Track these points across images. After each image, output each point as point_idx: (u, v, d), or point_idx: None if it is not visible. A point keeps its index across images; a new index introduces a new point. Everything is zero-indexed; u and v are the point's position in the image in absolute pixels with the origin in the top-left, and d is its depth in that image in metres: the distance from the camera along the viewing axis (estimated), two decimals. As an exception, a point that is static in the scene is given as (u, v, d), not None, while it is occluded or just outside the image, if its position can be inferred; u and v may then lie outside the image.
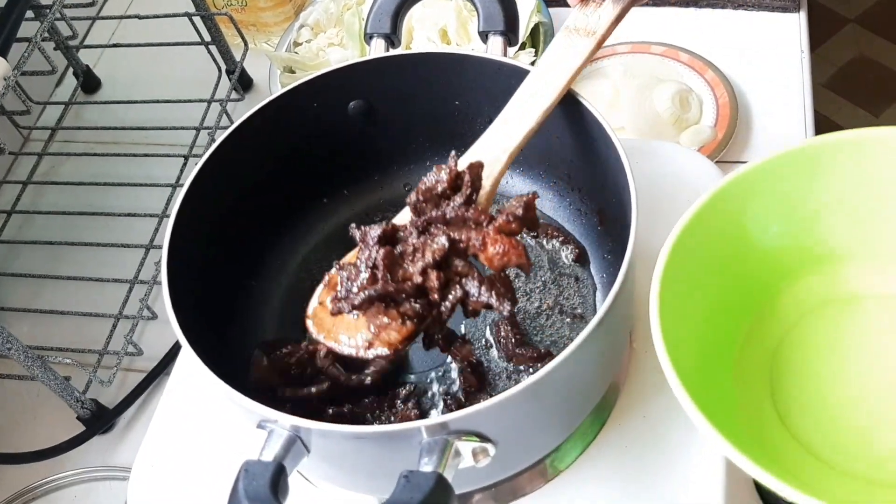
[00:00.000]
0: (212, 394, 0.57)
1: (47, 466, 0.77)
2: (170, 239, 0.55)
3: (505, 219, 0.50)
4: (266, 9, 0.99)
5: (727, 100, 0.86)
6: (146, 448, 0.63)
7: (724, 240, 0.54)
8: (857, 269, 0.56)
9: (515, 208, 0.50)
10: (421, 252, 0.50)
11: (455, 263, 0.50)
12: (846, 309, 0.56)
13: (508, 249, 0.49)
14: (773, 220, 0.55)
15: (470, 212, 0.50)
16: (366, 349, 0.50)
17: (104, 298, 0.85)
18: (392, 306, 0.49)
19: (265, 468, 0.45)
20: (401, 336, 0.49)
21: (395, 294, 0.49)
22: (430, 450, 0.45)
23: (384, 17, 0.64)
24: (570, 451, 0.57)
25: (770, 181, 0.54)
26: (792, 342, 0.55)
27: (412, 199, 0.53)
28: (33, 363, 0.70)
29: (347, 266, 0.51)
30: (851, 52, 2.00)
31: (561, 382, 0.48)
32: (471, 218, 0.50)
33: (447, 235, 0.50)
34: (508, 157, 0.56)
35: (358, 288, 0.49)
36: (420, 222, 0.51)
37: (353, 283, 0.50)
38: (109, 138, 1.00)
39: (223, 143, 0.60)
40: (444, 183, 0.52)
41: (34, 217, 0.96)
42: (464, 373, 0.59)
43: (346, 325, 0.51)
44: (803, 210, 0.55)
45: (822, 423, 0.51)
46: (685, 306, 0.50)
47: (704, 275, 0.53)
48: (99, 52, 1.08)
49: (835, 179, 0.54)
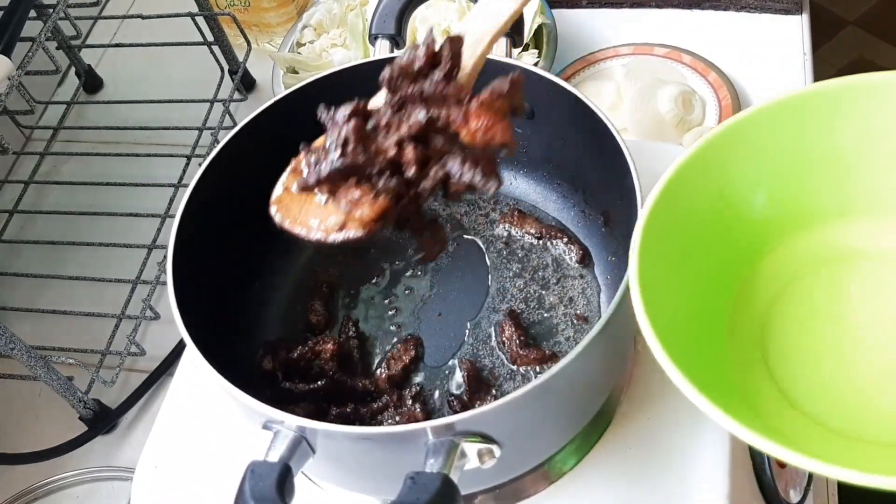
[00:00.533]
0: (216, 394, 0.57)
1: (49, 467, 0.77)
2: (175, 240, 0.55)
3: (489, 95, 0.46)
4: (269, 9, 0.99)
5: (730, 101, 0.86)
6: (150, 448, 0.63)
7: (707, 200, 0.51)
8: (850, 225, 0.53)
9: (501, 84, 0.46)
10: (396, 127, 0.46)
11: (435, 142, 0.46)
12: (840, 266, 0.53)
13: (493, 123, 0.45)
14: (759, 178, 0.52)
15: (450, 88, 0.46)
16: (337, 231, 0.46)
17: (106, 298, 0.85)
18: (365, 182, 0.45)
19: (271, 469, 0.45)
20: (374, 213, 0.45)
21: (367, 165, 0.45)
22: (436, 451, 0.45)
23: (389, 18, 0.64)
24: (574, 453, 0.57)
25: (753, 136, 0.51)
26: (785, 302, 0.53)
27: (385, 75, 0.48)
28: (36, 363, 0.70)
29: (315, 149, 0.47)
30: (850, 55, 2.00)
31: (567, 384, 0.48)
32: (451, 94, 0.46)
33: (425, 110, 0.46)
34: (491, 38, 0.51)
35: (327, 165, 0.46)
36: (395, 100, 0.47)
37: (322, 163, 0.46)
38: (111, 138, 0.99)
39: (228, 143, 0.60)
40: (421, 59, 0.47)
41: (36, 217, 0.96)
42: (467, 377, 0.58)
43: (314, 210, 0.47)
44: (792, 166, 0.52)
45: (818, 384, 0.49)
46: (668, 271, 0.48)
47: (688, 237, 0.50)
48: (101, 52, 1.08)
49: (823, 131, 0.51)
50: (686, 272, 0.50)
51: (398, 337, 0.62)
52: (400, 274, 0.66)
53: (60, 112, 1.00)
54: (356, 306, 0.65)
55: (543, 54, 0.87)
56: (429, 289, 0.65)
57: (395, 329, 0.63)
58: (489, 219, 0.67)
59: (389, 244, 0.67)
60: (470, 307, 0.63)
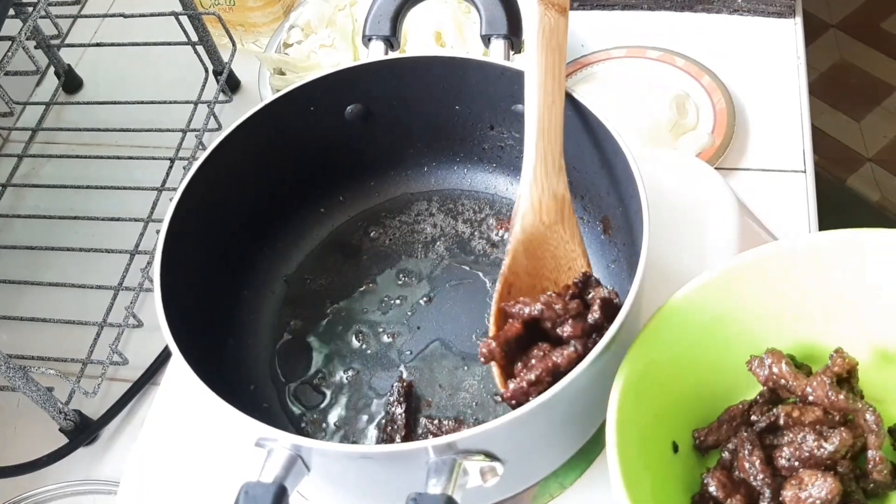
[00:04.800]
0: (205, 408, 0.55)
1: (28, 480, 0.74)
2: (163, 248, 0.53)
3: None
4: (255, 9, 0.97)
5: (724, 105, 0.85)
6: (134, 465, 0.61)
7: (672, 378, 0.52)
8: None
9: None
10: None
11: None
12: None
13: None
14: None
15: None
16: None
17: (87, 305, 0.82)
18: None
19: (266, 490, 0.43)
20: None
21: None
22: (438, 470, 0.44)
23: (383, 19, 0.62)
24: (574, 468, 0.56)
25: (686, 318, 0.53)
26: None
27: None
28: (14, 373, 0.68)
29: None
30: (833, 58, 2.01)
31: (570, 400, 0.47)
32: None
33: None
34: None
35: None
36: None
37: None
38: (91, 140, 0.97)
39: (218, 147, 0.57)
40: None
41: (13, 220, 0.93)
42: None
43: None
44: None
45: None
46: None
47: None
48: (81, 52, 1.05)
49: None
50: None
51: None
52: (391, 282, 0.64)
53: (39, 113, 0.98)
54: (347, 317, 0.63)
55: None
56: (422, 298, 0.63)
57: (390, 340, 0.61)
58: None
59: (380, 252, 0.66)
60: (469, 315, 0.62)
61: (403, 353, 0.60)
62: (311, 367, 0.61)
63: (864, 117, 1.91)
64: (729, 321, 0.53)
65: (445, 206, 0.68)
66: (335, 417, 0.58)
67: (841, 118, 1.91)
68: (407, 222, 0.67)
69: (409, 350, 0.61)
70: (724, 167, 0.82)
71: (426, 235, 0.66)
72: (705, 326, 0.53)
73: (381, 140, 0.66)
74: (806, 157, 0.84)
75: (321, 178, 0.66)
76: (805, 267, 0.53)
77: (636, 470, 0.46)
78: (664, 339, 0.51)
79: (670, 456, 0.51)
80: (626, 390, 0.48)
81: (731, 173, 0.83)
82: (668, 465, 0.51)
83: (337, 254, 0.66)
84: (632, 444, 0.47)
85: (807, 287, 0.53)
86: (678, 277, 0.60)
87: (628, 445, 0.46)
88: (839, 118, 1.91)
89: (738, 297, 0.53)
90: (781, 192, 0.81)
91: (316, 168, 0.65)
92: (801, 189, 0.81)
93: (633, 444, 0.47)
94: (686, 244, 0.63)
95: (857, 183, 1.81)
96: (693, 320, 0.52)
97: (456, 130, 0.65)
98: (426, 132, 0.66)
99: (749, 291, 0.53)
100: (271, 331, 0.63)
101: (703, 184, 0.67)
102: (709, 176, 0.68)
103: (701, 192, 0.66)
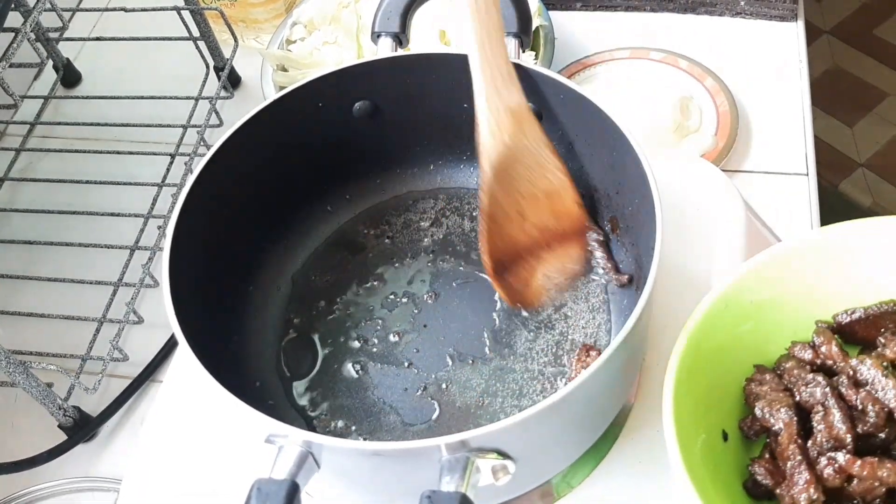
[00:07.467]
0: (210, 402, 0.55)
1: (26, 477, 0.74)
2: (170, 245, 0.52)
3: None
4: (257, 4, 0.96)
5: (727, 108, 0.86)
6: (137, 462, 0.60)
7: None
8: None
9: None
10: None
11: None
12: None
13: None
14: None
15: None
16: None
17: (87, 301, 0.82)
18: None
19: (279, 487, 0.43)
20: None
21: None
22: (452, 468, 0.43)
23: (393, 16, 0.62)
24: (583, 467, 0.55)
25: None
26: None
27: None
28: (14, 369, 0.67)
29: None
30: (826, 64, 2.02)
31: (583, 400, 0.47)
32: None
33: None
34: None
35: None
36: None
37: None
38: (91, 134, 0.96)
39: (226, 143, 0.57)
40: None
41: (11, 215, 0.93)
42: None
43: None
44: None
45: None
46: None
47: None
48: (80, 46, 1.04)
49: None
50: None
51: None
52: (397, 280, 0.64)
53: (37, 107, 0.97)
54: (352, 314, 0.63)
55: (540, 57, 0.86)
56: (428, 296, 0.63)
57: (396, 339, 0.61)
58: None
59: (386, 250, 0.66)
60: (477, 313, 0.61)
61: (409, 350, 0.60)
62: (316, 364, 0.61)
63: (856, 123, 1.92)
64: (774, 306, 0.53)
65: (452, 204, 0.67)
66: (341, 414, 0.58)
67: (834, 123, 1.92)
68: (413, 220, 0.67)
69: (415, 348, 0.60)
70: (727, 169, 0.83)
71: (432, 233, 0.66)
72: (749, 314, 0.53)
73: (388, 137, 0.65)
74: (808, 160, 0.84)
75: (327, 176, 0.66)
76: (846, 252, 0.53)
77: (695, 459, 0.46)
78: (716, 324, 0.51)
79: (721, 444, 0.51)
80: (679, 379, 0.48)
81: (734, 175, 0.83)
82: (720, 453, 0.50)
83: (343, 251, 0.66)
84: (687, 433, 0.47)
85: (849, 272, 0.53)
86: (687, 278, 0.61)
87: (685, 435, 0.46)
88: (832, 123, 1.92)
89: (782, 283, 0.53)
90: (784, 194, 0.82)
91: (322, 165, 0.65)
92: (804, 191, 0.82)
93: (688, 434, 0.47)
94: (695, 245, 0.63)
95: (849, 188, 1.82)
96: (738, 309, 0.52)
97: (463, 128, 0.64)
98: (433, 130, 0.65)
99: (791, 278, 0.53)
100: (277, 328, 0.62)
101: (711, 185, 0.67)
102: (716, 178, 0.68)
103: (708, 194, 0.66)
